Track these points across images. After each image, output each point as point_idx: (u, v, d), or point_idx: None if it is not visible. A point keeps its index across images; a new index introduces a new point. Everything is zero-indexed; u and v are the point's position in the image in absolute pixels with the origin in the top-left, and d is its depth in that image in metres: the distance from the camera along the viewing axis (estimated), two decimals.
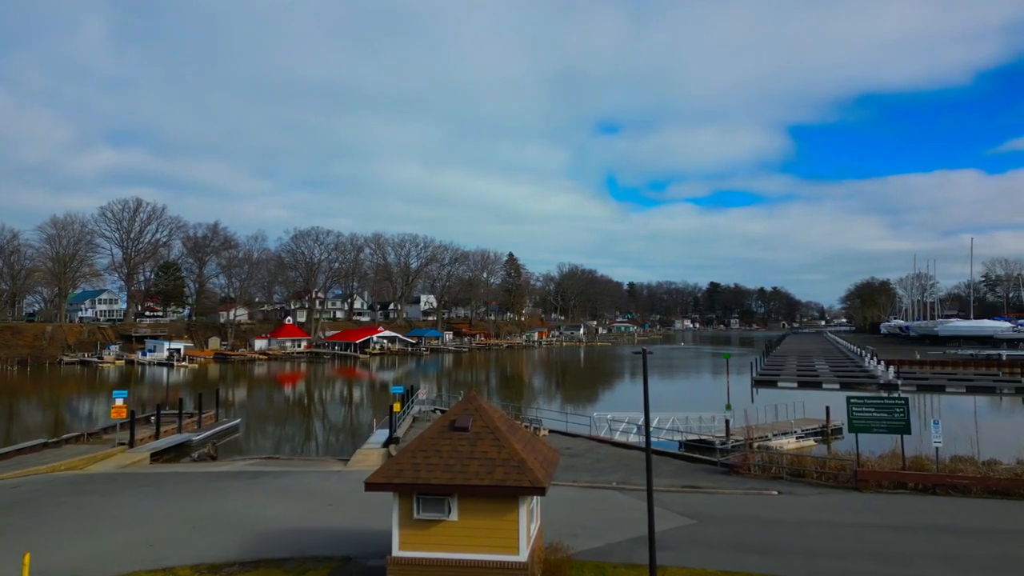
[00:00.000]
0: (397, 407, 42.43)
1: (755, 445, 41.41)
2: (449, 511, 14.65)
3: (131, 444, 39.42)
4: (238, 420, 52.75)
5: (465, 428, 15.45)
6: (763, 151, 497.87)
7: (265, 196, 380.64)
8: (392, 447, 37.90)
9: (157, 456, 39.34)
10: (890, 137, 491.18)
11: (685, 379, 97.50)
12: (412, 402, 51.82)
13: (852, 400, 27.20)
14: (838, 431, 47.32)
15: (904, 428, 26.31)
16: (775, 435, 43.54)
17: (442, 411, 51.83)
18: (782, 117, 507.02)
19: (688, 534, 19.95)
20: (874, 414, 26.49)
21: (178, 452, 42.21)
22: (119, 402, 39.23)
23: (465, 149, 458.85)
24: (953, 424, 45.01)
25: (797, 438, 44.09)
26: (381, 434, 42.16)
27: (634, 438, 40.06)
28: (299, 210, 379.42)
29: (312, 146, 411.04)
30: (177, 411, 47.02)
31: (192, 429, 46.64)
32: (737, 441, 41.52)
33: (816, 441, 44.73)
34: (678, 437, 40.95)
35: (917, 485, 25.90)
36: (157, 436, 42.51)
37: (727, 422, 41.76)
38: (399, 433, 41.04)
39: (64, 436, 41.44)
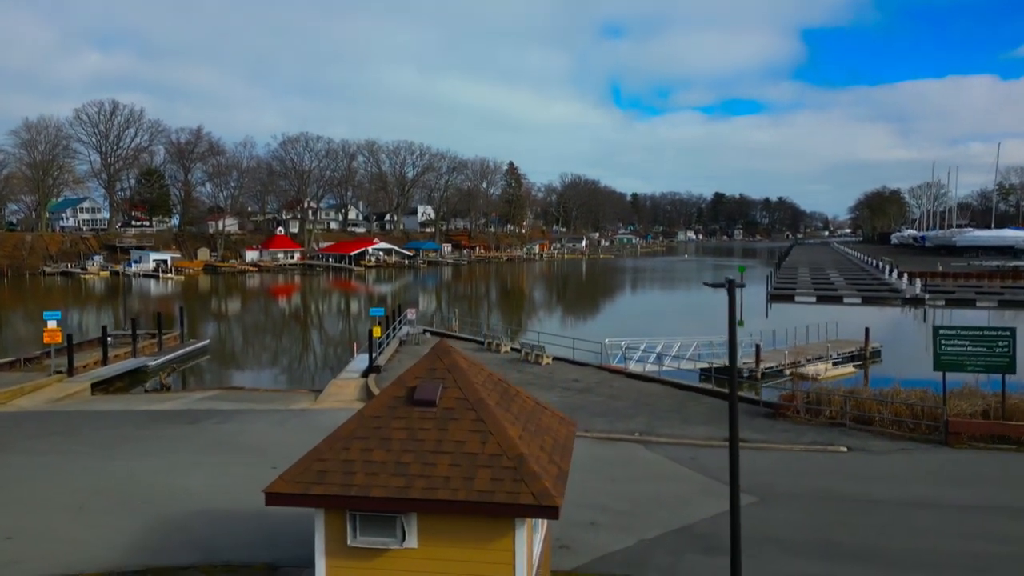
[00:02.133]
0: (377, 332, 36.82)
1: (788, 372, 36.50)
2: (404, 536, 9.05)
3: (70, 372, 34.03)
4: (206, 341, 47.28)
5: (431, 402, 9.60)
6: (772, 56, 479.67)
7: (258, 102, 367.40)
8: (373, 377, 32.55)
9: (102, 386, 34.09)
10: (903, 41, 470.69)
11: (687, 293, 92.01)
12: (400, 322, 46.25)
13: (942, 331, 21.39)
14: (877, 354, 42.46)
15: (1008, 366, 20.68)
16: (808, 360, 38.30)
17: (434, 334, 46.37)
18: (793, 19, 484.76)
19: (751, 523, 14.25)
20: (969, 349, 20.76)
21: (132, 380, 36.99)
22: (52, 324, 33.61)
23: (462, 53, 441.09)
24: None
25: (833, 363, 38.82)
26: (362, 360, 36.81)
27: (652, 368, 34.58)
28: (293, 118, 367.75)
29: (303, 50, 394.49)
30: (131, 332, 41.41)
31: (150, 352, 41.31)
32: (768, 368, 36.39)
33: (855, 367, 39.58)
34: (702, 365, 35.51)
35: (1020, 438, 20.50)
36: (104, 362, 37.11)
37: (757, 347, 36.30)
38: (381, 361, 35.64)
39: None
